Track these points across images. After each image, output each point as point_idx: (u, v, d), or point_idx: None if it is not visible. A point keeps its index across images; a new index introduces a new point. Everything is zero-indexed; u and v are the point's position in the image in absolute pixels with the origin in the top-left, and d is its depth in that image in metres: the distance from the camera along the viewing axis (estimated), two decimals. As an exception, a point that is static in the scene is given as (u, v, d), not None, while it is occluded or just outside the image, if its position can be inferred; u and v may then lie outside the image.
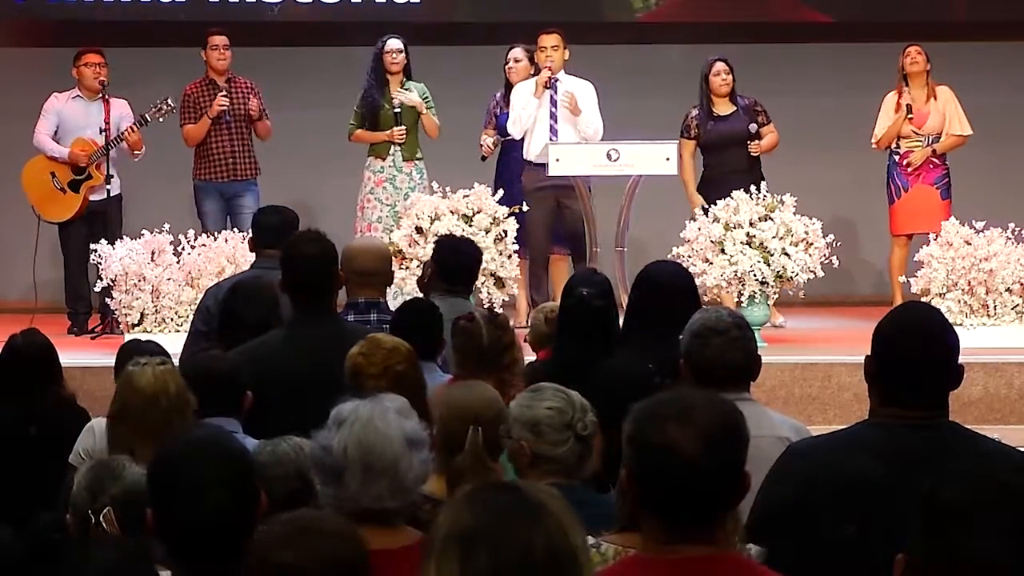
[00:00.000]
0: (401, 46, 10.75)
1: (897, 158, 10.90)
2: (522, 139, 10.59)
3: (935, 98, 10.86)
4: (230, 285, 6.57)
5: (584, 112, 10.52)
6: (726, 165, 10.70)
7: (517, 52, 10.90)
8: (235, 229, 10.16)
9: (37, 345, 6.12)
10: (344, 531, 2.86)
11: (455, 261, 6.80)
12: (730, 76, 10.78)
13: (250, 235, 7.42)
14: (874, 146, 10.97)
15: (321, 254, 5.41)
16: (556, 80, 10.58)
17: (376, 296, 6.01)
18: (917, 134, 10.85)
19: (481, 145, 10.95)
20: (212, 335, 6.57)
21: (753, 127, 10.77)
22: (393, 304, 6.27)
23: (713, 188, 10.49)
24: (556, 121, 10.56)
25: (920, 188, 10.85)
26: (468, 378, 5.03)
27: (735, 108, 10.82)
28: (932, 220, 10.52)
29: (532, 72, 10.75)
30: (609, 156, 9.85)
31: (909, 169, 10.86)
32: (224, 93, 10.92)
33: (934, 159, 10.86)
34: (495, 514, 2.30)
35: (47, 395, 5.99)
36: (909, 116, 10.77)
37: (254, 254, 7.31)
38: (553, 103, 10.58)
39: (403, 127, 10.67)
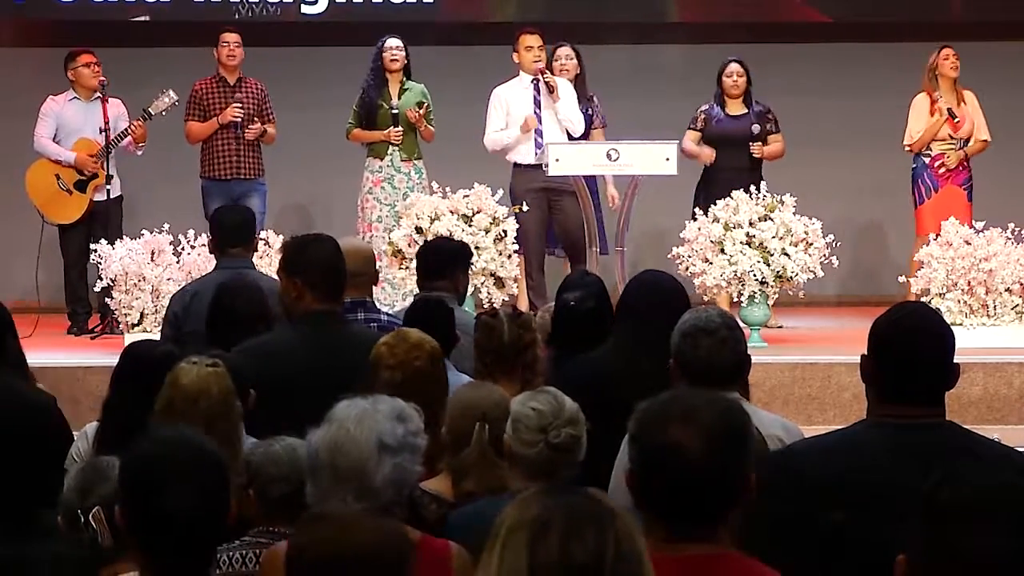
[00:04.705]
0: (401, 44, 10.77)
1: (927, 160, 10.90)
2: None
3: (964, 102, 10.87)
4: (216, 286, 6.49)
5: (565, 106, 10.52)
6: (724, 163, 10.71)
7: (568, 50, 10.86)
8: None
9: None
10: (383, 528, 2.85)
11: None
12: (743, 78, 10.78)
13: (210, 236, 7.06)
14: (908, 148, 10.95)
15: (336, 255, 5.35)
16: (536, 79, 10.58)
17: (362, 296, 5.95)
18: (952, 138, 10.86)
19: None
20: (182, 340, 6.43)
21: (756, 128, 10.76)
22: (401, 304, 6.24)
23: (712, 185, 10.52)
24: (540, 122, 10.55)
25: (949, 189, 10.88)
26: (488, 375, 5.03)
27: (747, 110, 10.83)
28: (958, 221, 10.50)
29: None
30: (609, 156, 9.84)
31: (941, 171, 10.87)
32: (239, 105, 10.85)
33: (964, 162, 10.89)
34: (569, 508, 2.28)
35: None
36: (956, 120, 10.77)
37: (215, 255, 7.09)
38: (536, 103, 10.58)
39: (399, 128, 10.68)
